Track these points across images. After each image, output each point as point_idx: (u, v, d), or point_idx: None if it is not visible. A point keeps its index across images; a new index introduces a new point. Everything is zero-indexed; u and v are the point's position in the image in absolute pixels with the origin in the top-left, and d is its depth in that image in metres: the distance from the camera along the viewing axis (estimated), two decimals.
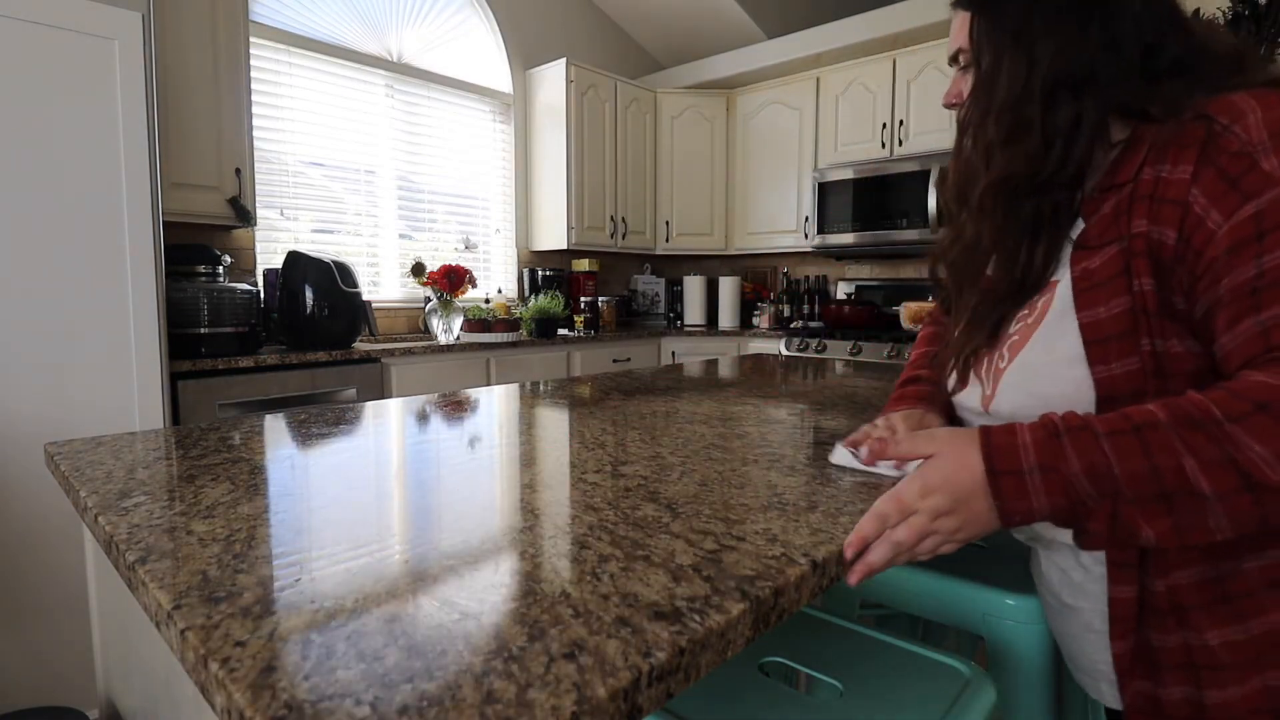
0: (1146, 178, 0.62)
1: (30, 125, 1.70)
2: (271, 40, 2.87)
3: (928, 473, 0.60)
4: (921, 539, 0.59)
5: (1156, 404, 0.56)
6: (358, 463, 0.88)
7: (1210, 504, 0.52)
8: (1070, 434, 0.56)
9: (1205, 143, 0.59)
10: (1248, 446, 0.51)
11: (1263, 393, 0.52)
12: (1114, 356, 0.63)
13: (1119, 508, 0.55)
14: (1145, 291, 0.61)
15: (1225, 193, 0.57)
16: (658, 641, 0.43)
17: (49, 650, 1.79)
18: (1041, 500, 0.56)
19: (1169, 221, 0.60)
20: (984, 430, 0.60)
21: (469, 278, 3.07)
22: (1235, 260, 0.56)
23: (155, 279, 1.90)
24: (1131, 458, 0.54)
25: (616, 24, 4.39)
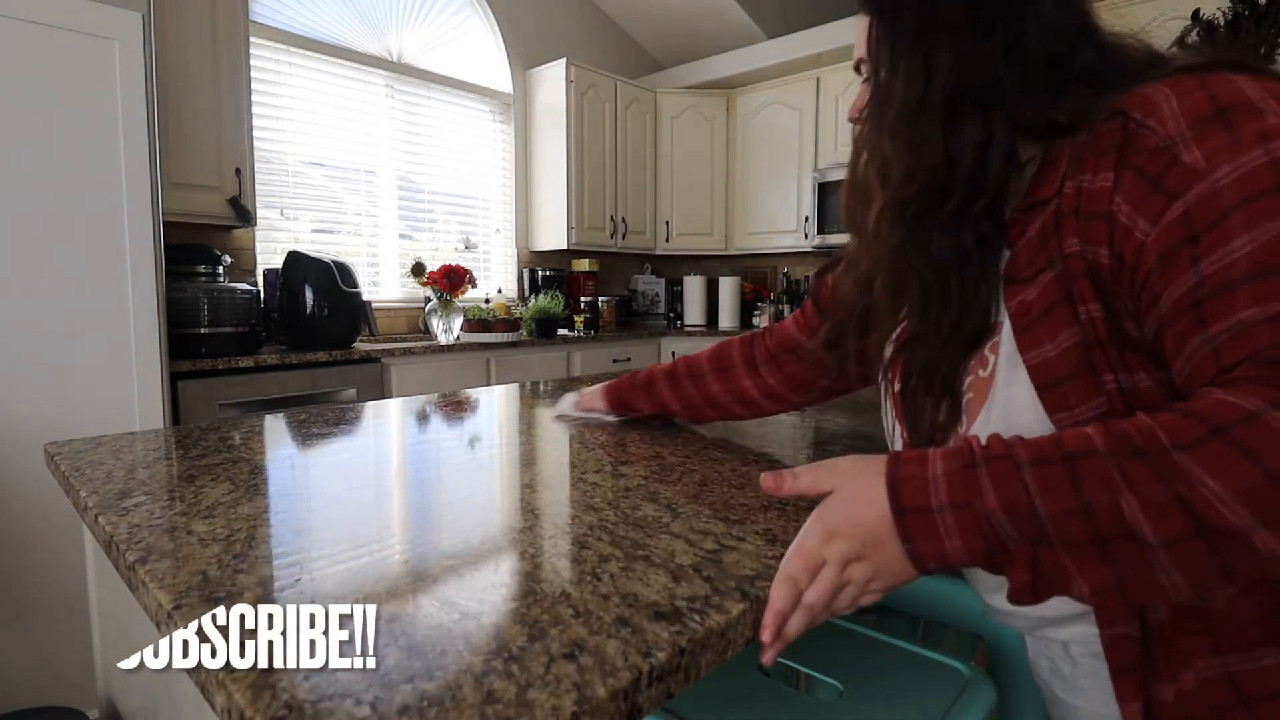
0: (1069, 191, 0.54)
1: (30, 125, 1.70)
2: (271, 40, 2.87)
3: (828, 513, 0.51)
4: (834, 595, 0.50)
5: (1097, 427, 0.47)
6: (358, 463, 0.88)
7: (1155, 553, 0.43)
8: (989, 463, 0.47)
9: (1121, 144, 0.51)
10: (1199, 481, 0.41)
11: (1220, 413, 0.43)
12: (1075, 400, 0.53)
13: (1041, 553, 0.45)
14: (1095, 318, 0.53)
15: (1147, 195, 0.49)
16: (658, 641, 0.43)
17: (49, 650, 1.79)
18: (955, 542, 0.47)
19: (1099, 238, 0.52)
20: (892, 459, 0.51)
21: (469, 278, 3.07)
22: (1170, 270, 0.48)
23: (155, 279, 1.90)
24: (1057, 492, 0.44)
25: (616, 24, 4.39)
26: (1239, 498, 0.40)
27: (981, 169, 0.57)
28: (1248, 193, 0.45)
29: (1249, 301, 0.44)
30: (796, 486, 0.55)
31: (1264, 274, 0.44)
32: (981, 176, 0.57)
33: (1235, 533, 0.41)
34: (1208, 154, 0.47)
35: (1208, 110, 0.48)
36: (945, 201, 0.58)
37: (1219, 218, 0.46)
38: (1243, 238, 0.45)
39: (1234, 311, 0.45)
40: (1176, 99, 0.50)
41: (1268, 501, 0.40)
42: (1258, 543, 0.40)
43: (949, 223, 0.58)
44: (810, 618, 0.49)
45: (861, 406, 1.27)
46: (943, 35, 0.58)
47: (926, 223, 0.59)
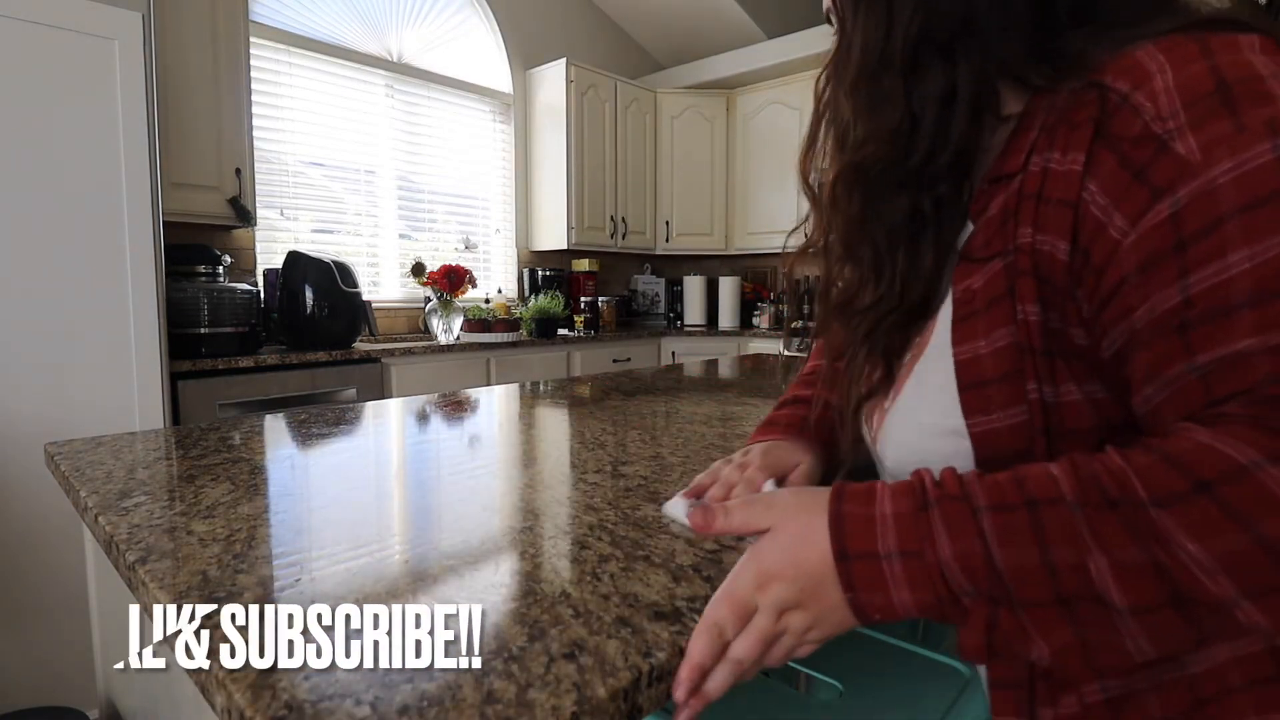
0: (1034, 169, 0.46)
1: (30, 125, 1.70)
2: (271, 40, 2.87)
3: (764, 554, 0.45)
4: (767, 647, 0.44)
5: (1064, 467, 0.40)
6: (358, 463, 0.88)
7: (1123, 619, 0.37)
8: (942, 505, 0.41)
9: (1100, 120, 0.43)
10: (1179, 546, 0.36)
11: (1207, 464, 0.36)
12: (996, 405, 0.47)
13: (998, 613, 0.40)
14: (1030, 321, 0.46)
15: (1129, 187, 0.41)
16: (658, 641, 0.43)
17: (49, 650, 1.79)
18: (904, 594, 0.41)
19: (1059, 229, 0.44)
20: (835, 493, 0.45)
21: (469, 278, 3.07)
22: (1151, 282, 0.40)
23: (155, 279, 1.90)
24: (1019, 546, 0.39)
25: (616, 24, 4.39)
26: (1223, 567, 0.35)
27: (945, 125, 0.50)
28: (1251, 196, 0.38)
29: (1250, 330, 0.37)
30: (728, 524, 0.48)
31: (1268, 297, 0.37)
32: (944, 133, 0.50)
33: (1216, 604, 0.36)
34: (1205, 144, 0.39)
35: (1208, 87, 0.40)
36: (905, 163, 0.52)
37: (1214, 224, 0.38)
38: (1242, 251, 0.38)
39: (1231, 340, 0.38)
40: (1173, 70, 0.41)
41: (1255, 572, 0.35)
42: (1240, 616, 0.36)
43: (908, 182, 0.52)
44: (738, 673, 0.43)
45: None
46: None
47: (885, 187, 0.53)
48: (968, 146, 0.51)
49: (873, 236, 0.55)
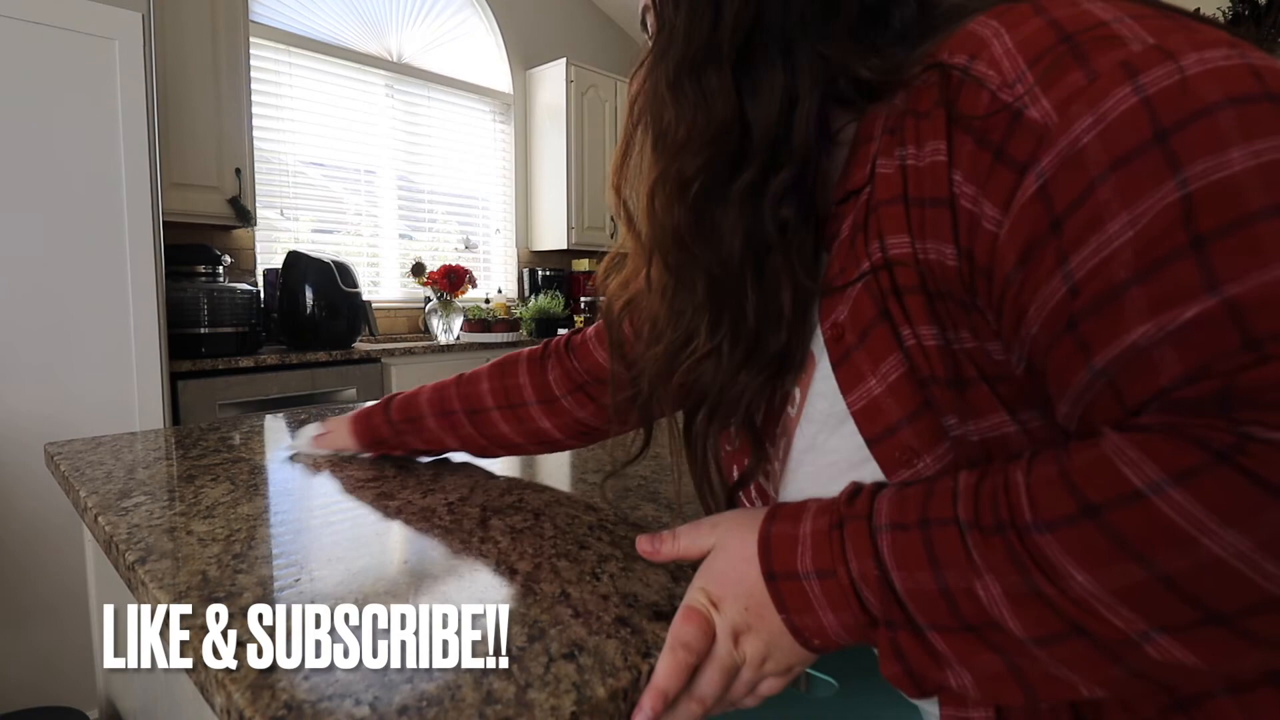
0: (885, 172, 0.40)
1: (30, 125, 1.70)
2: (271, 40, 2.87)
3: (707, 572, 0.43)
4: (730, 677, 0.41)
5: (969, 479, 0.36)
6: (357, 462, 0.88)
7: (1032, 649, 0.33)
8: (847, 524, 0.38)
9: (947, 101, 0.37)
10: (1066, 574, 0.31)
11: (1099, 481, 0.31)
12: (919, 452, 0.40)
13: (898, 636, 0.37)
14: (926, 346, 0.39)
15: (992, 170, 0.35)
16: (657, 641, 0.43)
17: (49, 650, 1.79)
18: (829, 616, 0.38)
19: (939, 233, 0.38)
20: (770, 512, 0.42)
21: (469, 278, 3.07)
22: (1033, 274, 0.34)
23: (155, 279, 1.90)
24: (913, 567, 0.35)
25: (616, 24, 4.39)
26: (1121, 600, 0.30)
27: (784, 133, 0.43)
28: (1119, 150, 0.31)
29: (1142, 313, 0.31)
30: (675, 549, 0.46)
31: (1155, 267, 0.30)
32: (784, 143, 0.43)
33: (1124, 639, 0.31)
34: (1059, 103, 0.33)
35: (1050, 40, 0.34)
36: (738, 174, 0.44)
37: (1086, 191, 0.32)
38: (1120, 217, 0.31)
39: (1124, 329, 0.31)
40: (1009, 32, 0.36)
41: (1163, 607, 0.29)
42: (1153, 653, 0.30)
43: (743, 201, 0.44)
44: (700, 712, 0.40)
45: None
46: None
47: (714, 201, 0.45)
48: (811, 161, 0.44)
49: (704, 263, 0.45)
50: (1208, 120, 0.30)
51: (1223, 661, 0.30)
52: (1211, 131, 0.29)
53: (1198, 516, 0.28)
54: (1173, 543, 0.29)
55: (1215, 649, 0.30)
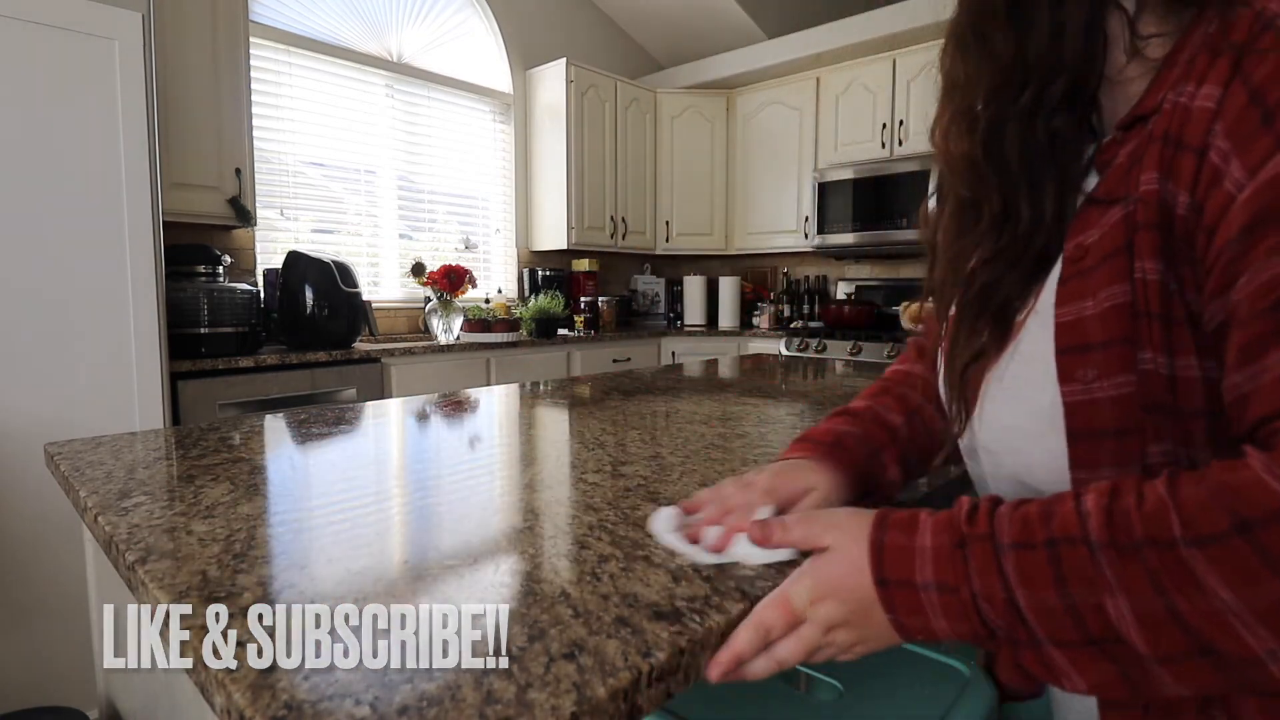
0: (1167, 106, 0.41)
1: (30, 125, 1.70)
2: (271, 40, 2.87)
3: (819, 572, 0.46)
4: (809, 654, 0.46)
5: (1098, 498, 0.37)
6: (357, 462, 0.88)
7: (1151, 665, 0.35)
8: (971, 545, 0.40)
9: (1244, 46, 0.36)
10: (1211, 591, 0.32)
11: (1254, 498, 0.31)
12: (1098, 373, 0.42)
13: (1021, 652, 0.39)
14: (1149, 281, 0.40)
15: (1255, 133, 0.34)
16: (657, 641, 0.43)
17: (49, 650, 1.79)
18: (941, 623, 0.42)
19: (1183, 178, 0.39)
20: (878, 520, 0.46)
21: (469, 278, 3.07)
22: (1255, 248, 0.34)
23: (155, 279, 1.90)
24: (1038, 587, 0.37)
25: (616, 24, 4.39)
26: (1261, 619, 0.31)
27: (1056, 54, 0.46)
28: None
29: None
30: (787, 538, 0.50)
31: None
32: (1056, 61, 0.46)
33: (1252, 658, 0.32)
34: None
35: None
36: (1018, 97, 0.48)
37: None
38: None
39: None
40: None
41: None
42: (1275, 670, 0.32)
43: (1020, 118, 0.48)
44: (776, 668, 0.45)
45: None
46: None
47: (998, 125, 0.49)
48: (1084, 72, 0.46)
49: (992, 179, 0.50)
50: None
51: None
52: None
53: None
54: None
55: None
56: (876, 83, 3.53)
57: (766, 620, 0.45)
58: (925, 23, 3.22)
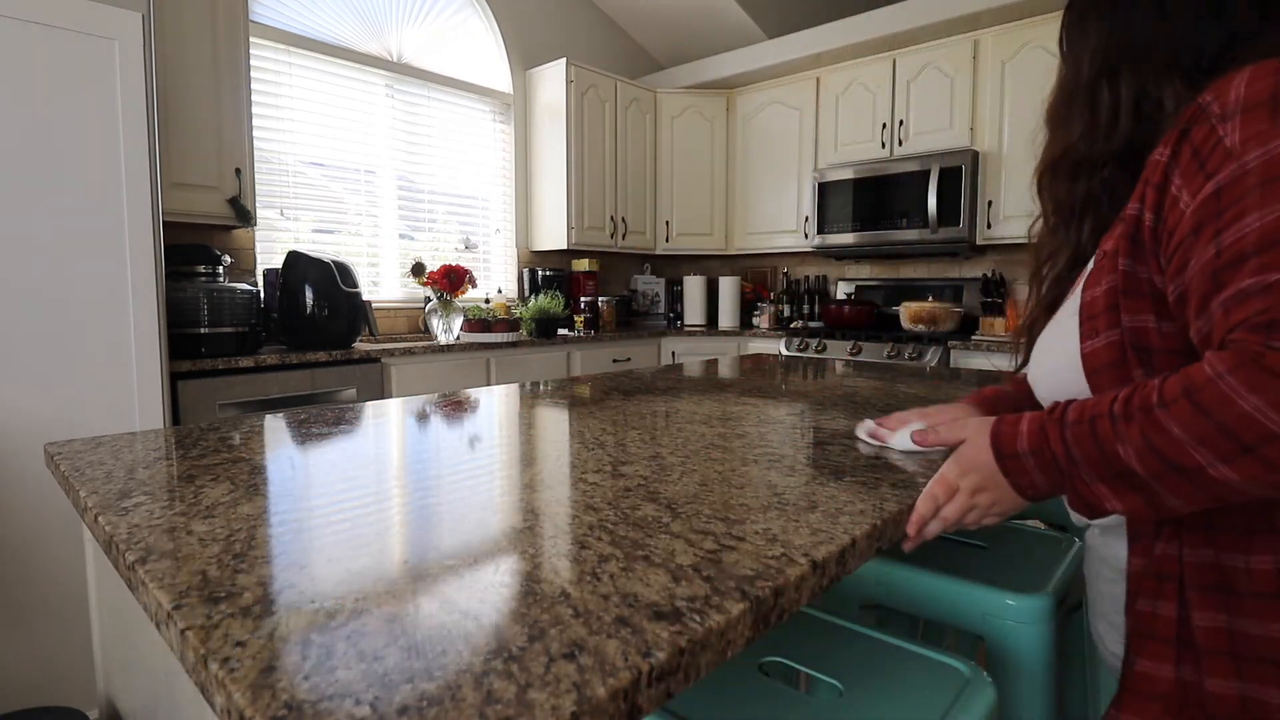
0: (1151, 157, 0.64)
1: (31, 125, 1.70)
2: (271, 40, 2.87)
3: (961, 456, 0.70)
4: (965, 513, 0.68)
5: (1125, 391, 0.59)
6: (358, 462, 0.88)
7: (1150, 483, 0.56)
8: (1049, 424, 0.63)
9: (1190, 120, 0.60)
10: (1169, 430, 0.53)
11: (1196, 377, 0.53)
12: (1100, 330, 0.67)
13: (1078, 485, 0.61)
14: (1122, 270, 0.65)
15: (1195, 172, 0.58)
16: (658, 641, 0.43)
17: (49, 650, 1.79)
18: (1038, 476, 0.64)
19: (1151, 203, 0.62)
20: (996, 420, 0.69)
21: (469, 278, 3.07)
22: (1199, 241, 0.56)
23: (155, 279, 1.90)
24: (1084, 444, 0.60)
25: (616, 24, 4.39)
26: (1199, 442, 0.52)
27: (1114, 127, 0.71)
28: (1269, 174, 0.53)
29: (1252, 271, 0.52)
30: (939, 438, 0.79)
31: (1268, 247, 0.51)
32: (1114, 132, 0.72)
33: (1196, 468, 0.53)
34: (1245, 138, 0.55)
35: (1264, 95, 0.55)
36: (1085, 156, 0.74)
37: (1241, 196, 0.53)
38: (1255, 214, 0.52)
39: (1239, 280, 0.53)
40: (1247, 82, 0.56)
41: (1219, 445, 0.51)
42: (1215, 474, 0.52)
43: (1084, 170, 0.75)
44: (944, 527, 0.69)
45: (861, 406, 1.27)
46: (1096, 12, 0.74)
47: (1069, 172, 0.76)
48: (1133, 141, 0.71)
49: (1065, 212, 0.78)
50: None
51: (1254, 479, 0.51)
52: None
53: (1237, 388, 0.50)
54: (1223, 405, 0.51)
55: (1248, 470, 0.51)
56: (876, 83, 3.53)
57: (934, 491, 0.69)
58: (925, 23, 3.22)
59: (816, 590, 0.56)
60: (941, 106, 3.32)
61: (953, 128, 3.30)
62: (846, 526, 0.63)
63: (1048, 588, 0.92)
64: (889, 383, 1.61)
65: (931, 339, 3.18)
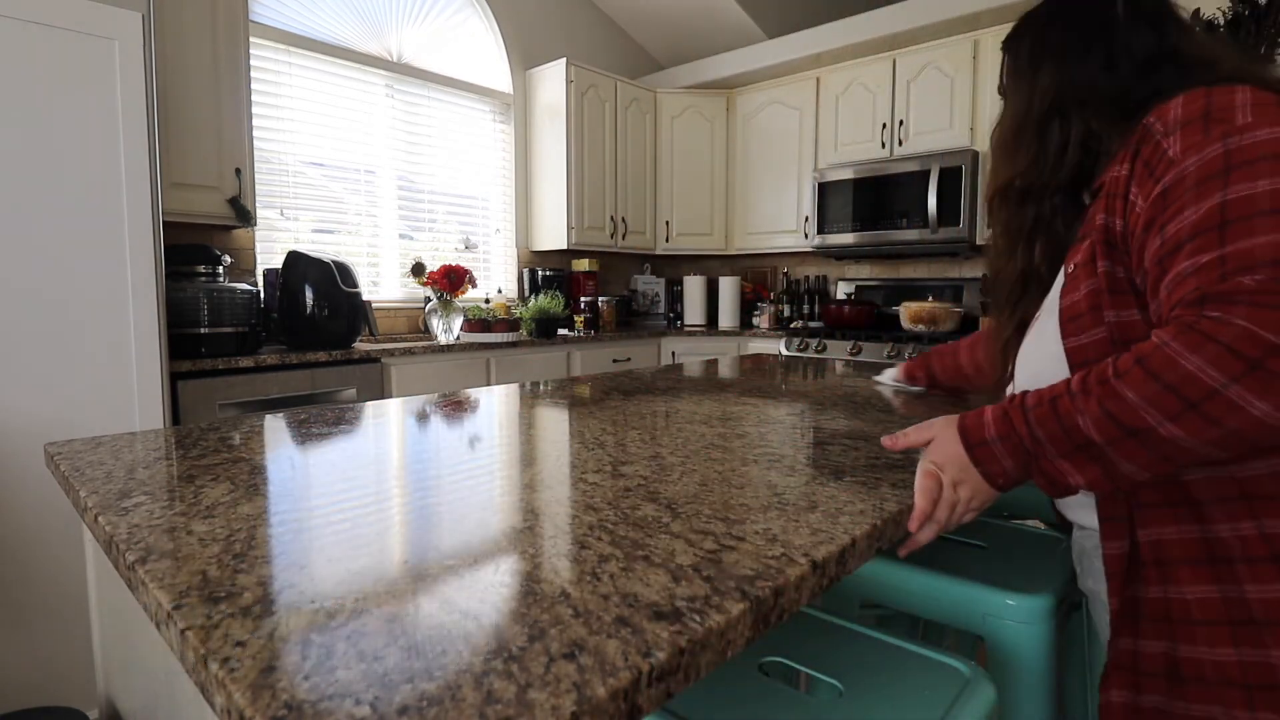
0: (1110, 175, 0.73)
1: (31, 125, 1.70)
2: (271, 40, 2.87)
3: (934, 452, 0.73)
4: (952, 509, 0.70)
5: (1076, 376, 0.65)
6: (357, 462, 0.88)
7: (1108, 450, 0.61)
8: (1013, 410, 0.68)
9: (1139, 140, 0.69)
10: (1124, 396, 0.59)
11: (1145, 347, 0.60)
12: (1085, 329, 0.72)
13: (1043, 464, 0.66)
14: (1103, 272, 0.71)
15: (1145, 179, 0.67)
16: (658, 641, 0.43)
17: (49, 650, 1.79)
18: (1007, 462, 0.68)
19: (1118, 211, 0.71)
20: (961, 415, 0.73)
21: (469, 278, 3.07)
22: (1150, 236, 0.66)
23: (155, 279, 1.90)
24: (1046, 424, 0.65)
25: (616, 24, 4.39)
26: (1149, 404, 0.59)
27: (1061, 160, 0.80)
28: (1202, 175, 0.62)
29: (1186, 256, 0.61)
30: (908, 440, 0.78)
31: (1199, 234, 0.61)
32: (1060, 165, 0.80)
33: (1148, 429, 0.59)
34: (1184, 148, 0.65)
35: (1197, 114, 0.65)
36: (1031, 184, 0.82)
37: (1180, 194, 0.63)
38: (1191, 209, 0.62)
39: (1177, 264, 0.62)
40: (1183, 104, 0.67)
41: (1167, 405, 0.58)
42: (1164, 433, 0.59)
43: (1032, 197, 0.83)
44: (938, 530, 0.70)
45: (861, 406, 1.27)
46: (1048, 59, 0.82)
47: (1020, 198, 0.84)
48: (1079, 172, 0.80)
49: (1014, 235, 0.85)
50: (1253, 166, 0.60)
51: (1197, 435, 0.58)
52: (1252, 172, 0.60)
53: (1180, 351, 0.58)
54: (1169, 367, 0.58)
55: (1192, 426, 0.58)
56: (876, 83, 3.53)
57: (925, 484, 0.70)
58: (925, 23, 3.22)
59: (816, 590, 0.56)
60: (941, 106, 3.32)
61: (953, 128, 3.30)
62: (846, 526, 0.63)
63: (1048, 588, 0.92)
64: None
65: (931, 339, 3.18)
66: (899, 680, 0.78)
